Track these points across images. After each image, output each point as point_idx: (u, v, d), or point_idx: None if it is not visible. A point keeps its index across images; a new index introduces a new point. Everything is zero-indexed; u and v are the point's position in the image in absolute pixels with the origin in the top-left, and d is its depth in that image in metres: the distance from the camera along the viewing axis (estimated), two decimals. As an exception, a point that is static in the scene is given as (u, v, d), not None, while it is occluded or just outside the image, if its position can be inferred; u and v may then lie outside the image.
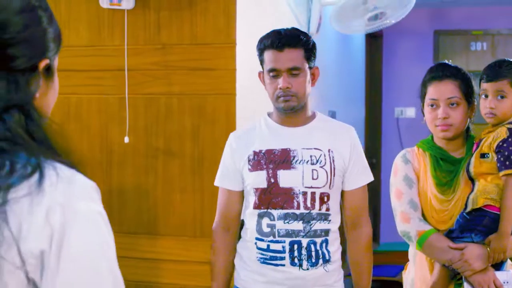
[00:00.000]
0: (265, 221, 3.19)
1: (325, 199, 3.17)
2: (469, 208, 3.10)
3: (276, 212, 3.16)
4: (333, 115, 6.51)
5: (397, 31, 8.72)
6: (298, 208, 3.14)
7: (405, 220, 3.23)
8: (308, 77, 3.19)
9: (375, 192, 8.40)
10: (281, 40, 3.14)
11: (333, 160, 3.19)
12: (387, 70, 9.20)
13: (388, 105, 9.11)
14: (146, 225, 4.35)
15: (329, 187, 3.17)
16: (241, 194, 3.32)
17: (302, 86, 3.16)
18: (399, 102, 9.03)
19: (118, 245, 1.36)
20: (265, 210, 3.18)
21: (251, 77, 4.32)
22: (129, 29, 4.32)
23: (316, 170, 3.16)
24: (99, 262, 1.31)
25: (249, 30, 4.33)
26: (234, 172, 3.28)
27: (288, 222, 3.14)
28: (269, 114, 3.33)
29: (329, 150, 3.19)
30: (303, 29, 5.29)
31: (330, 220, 3.19)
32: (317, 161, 3.17)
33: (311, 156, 3.17)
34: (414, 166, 3.32)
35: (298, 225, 3.14)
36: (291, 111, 3.18)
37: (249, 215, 3.25)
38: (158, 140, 4.32)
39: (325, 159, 3.18)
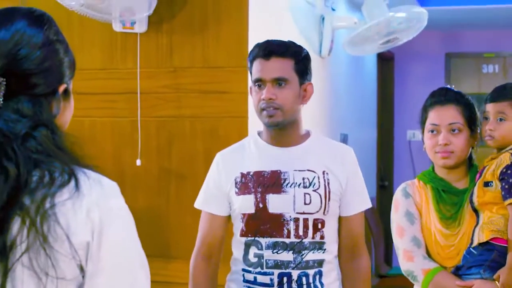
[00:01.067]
0: (253, 250, 2.89)
1: (319, 226, 2.88)
2: (475, 243, 2.91)
3: (264, 241, 2.86)
4: (345, 137, 6.51)
5: (408, 53, 8.74)
6: (288, 236, 2.84)
7: (408, 258, 3.02)
8: (298, 91, 2.89)
9: (387, 214, 8.36)
10: (267, 48, 2.89)
11: (328, 183, 2.89)
12: (399, 92, 9.20)
13: (400, 127, 9.11)
14: (158, 248, 4.35)
15: (324, 212, 2.88)
16: (226, 220, 3.03)
17: (288, 99, 2.85)
18: (411, 124, 9.00)
19: None
20: (253, 238, 2.88)
21: (263, 100, 4.33)
22: (141, 52, 4.34)
23: (309, 194, 2.86)
24: (129, 246, 1.63)
25: (261, 53, 4.34)
26: (220, 195, 2.99)
27: (277, 252, 2.85)
28: (259, 133, 3.06)
29: (324, 172, 2.90)
30: (315, 52, 5.31)
31: (325, 249, 2.89)
32: (310, 184, 2.88)
33: (303, 179, 2.88)
34: (415, 200, 3.12)
35: (288, 256, 2.84)
36: (277, 127, 2.89)
37: (236, 243, 2.98)
38: (170, 162, 4.33)
39: (319, 182, 2.88)
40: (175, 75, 4.31)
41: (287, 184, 2.87)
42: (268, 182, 2.88)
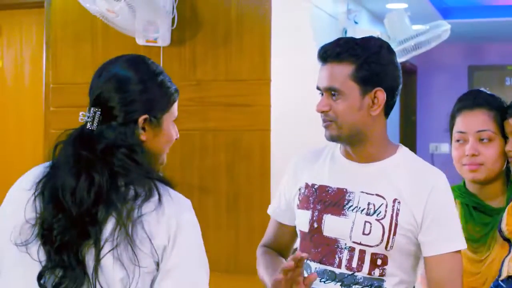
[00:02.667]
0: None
1: (379, 262, 2.38)
2: (504, 275, 2.42)
3: (314, 266, 2.46)
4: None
5: (431, 66, 8.72)
6: (339, 266, 2.41)
7: (424, 284, 2.51)
8: (358, 102, 2.39)
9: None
10: (323, 50, 2.44)
11: (397, 214, 2.37)
12: (422, 105, 9.17)
13: (422, 140, 9.07)
14: (181, 261, 4.34)
15: (386, 247, 2.37)
16: (294, 231, 2.63)
17: (341, 112, 2.38)
18: (434, 137, 8.99)
19: None
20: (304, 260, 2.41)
21: (286, 113, 4.34)
22: (164, 65, 4.34)
23: (370, 223, 2.38)
24: (194, 250, 2.03)
25: (284, 66, 4.35)
26: (287, 202, 2.62)
27: (324, 282, 2.43)
28: None
29: (395, 201, 2.39)
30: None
31: None
32: (374, 212, 2.39)
33: (368, 204, 2.40)
34: None
35: None
36: (337, 141, 2.48)
37: None
38: (193, 176, 4.33)
39: (385, 210, 2.38)
40: (198, 88, 4.32)
41: (350, 207, 2.43)
42: (330, 200, 2.46)
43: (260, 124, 4.18)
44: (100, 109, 2.02)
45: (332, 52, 2.40)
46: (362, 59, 2.38)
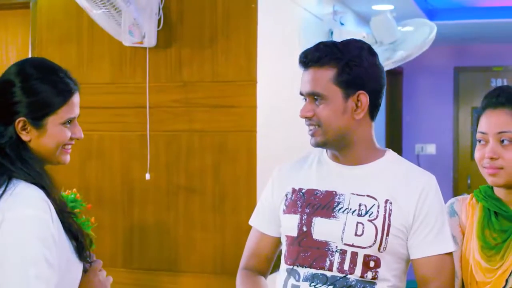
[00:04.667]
0: (291, 281, 2.42)
1: (371, 264, 2.34)
2: (510, 285, 2.32)
3: (302, 271, 2.39)
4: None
5: (417, 67, 8.73)
6: (331, 269, 2.35)
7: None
8: (341, 106, 2.36)
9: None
10: (304, 55, 2.41)
11: (389, 215, 2.34)
12: (408, 106, 9.19)
13: (408, 141, 9.09)
14: (167, 262, 4.34)
15: (379, 249, 2.33)
16: (276, 242, 2.58)
17: (325, 117, 2.36)
18: (420, 138, 9.01)
19: (139, 282, 1.56)
20: (291, 266, 2.42)
21: (271, 114, 4.34)
22: (150, 66, 4.35)
23: (362, 224, 2.34)
24: (17, 248, 1.96)
25: (270, 68, 4.36)
26: (271, 211, 2.55)
27: (314, 286, 2.36)
28: None
29: (387, 201, 2.36)
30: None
31: None
32: (366, 213, 2.35)
33: (360, 205, 2.37)
34: (461, 220, 2.52)
35: None
36: (324, 147, 2.46)
37: (280, 270, 2.51)
38: (179, 177, 4.33)
39: (378, 211, 2.35)
40: (184, 89, 4.31)
41: (339, 209, 2.38)
42: (319, 203, 2.41)
43: (246, 126, 4.19)
44: None
45: (313, 57, 2.37)
46: (343, 63, 2.35)
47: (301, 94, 2.41)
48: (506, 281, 2.32)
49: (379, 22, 5.53)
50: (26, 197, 2.03)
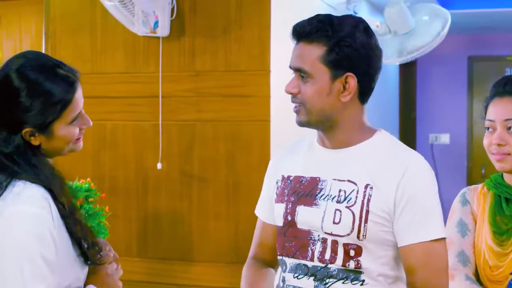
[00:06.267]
0: (279, 272, 2.38)
1: (352, 253, 2.20)
2: None
3: (288, 262, 2.30)
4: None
5: (431, 57, 8.68)
6: (312, 259, 2.24)
7: (449, 276, 2.31)
8: (327, 86, 2.21)
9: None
10: (296, 27, 2.28)
11: (368, 200, 2.19)
12: (421, 96, 9.17)
13: (422, 131, 9.07)
14: (181, 251, 4.35)
15: (358, 237, 2.19)
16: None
17: (311, 96, 2.22)
18: (434, 128, 8.99)
19: (153, 271, 1.53)
20: (281, 257, 2.34)
21: (285, 103, 4.33)
22: (163, 56, 4.35)
23: (340, 211, 2.20)
24: (10, 244, 1.95)
25: (283, 57, 4.34)
26: (270, 200, 2.46)
27: (297, 277, 2.27)
28: None
29: (367, 186, 2.20)
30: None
31: (363, 282, 2.21)
32: (344, 199, 2.21)
33: (339, 191, 2.23)
34: (473, 208, 2.59)
35: (308, 282, 2.25)
36: (307, 127, 2.32)
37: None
38: (192, 166, 4.34)
39: (356, 197, 2.20)
40: (197, 79, 4.31)
41: (321, 196, 2.25)
42: (304, 191, 2.29)
43: (260, 115, 4.18)
44: None
45: (303, 31, 2.23)
46: (333, 41, 2.18)
47: (290, 67, 2.28)
48: None
49: (393, 12, 5.50)
50: (25, 194, 2.00)
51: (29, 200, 1.99)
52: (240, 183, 4.23)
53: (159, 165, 4.33)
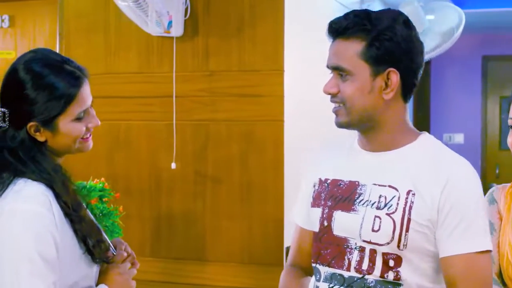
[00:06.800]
0: (312, 280, 2.26)
1: (391, 263, 2.07)
2: None
3: (323, 270, 2.19)
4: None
5: (445, 56, 8.64)
6: (348, 269, 2.12)
7: None
8: (368, 84, 2.10)
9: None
10: (332, 24, 2.16)
11: (410, 208, 2.05)
12: (435, 96, 9.14)
13: (436, 131, 9.04)
14: (194, 251, 4.35)
15: (398, 246, 2.05)
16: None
17: (351, 95, 2.10)
18: (448, 128, 8.96)
19: (166, 271, 1.51)
20: (315, 264, 2.22)
21: (299, 103, 4.33)
22: (177, 56, 4.36)
23: (380, 218, 2.08)
24: (9, 242, 1.95)
25: (297, 56, 4.34)
26: (306, 204, 2.32)
27: (332, 287, 2.16)
28: None
29: (409, 192, 2.07)
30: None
31: None
32: (385, 205, 2.08)
33: (380, 197, 2.10)
34: (499, 207, 2.46)
35: None
36: (347, 128, 2.19)
37: None
38: (206, 166, 4.34)
39: (397, 203, 2.07)
40: (211, 78, 4.31)
41: (360, 201, 2.13)
42: (341, 195, 2.17)
43: (273, 115, 4.18)
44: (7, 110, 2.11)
45: (339, 27, 2.11)
46: (372, 35, 2.07)
47: (327, 67, 2.16)
48: None
49: (407, 11, 5.47)
50: (25, 192, 2.00)
51: (29, 198, 1.99)
52: (253, 183, 4.23)
53: (173, 165, 4.33)
